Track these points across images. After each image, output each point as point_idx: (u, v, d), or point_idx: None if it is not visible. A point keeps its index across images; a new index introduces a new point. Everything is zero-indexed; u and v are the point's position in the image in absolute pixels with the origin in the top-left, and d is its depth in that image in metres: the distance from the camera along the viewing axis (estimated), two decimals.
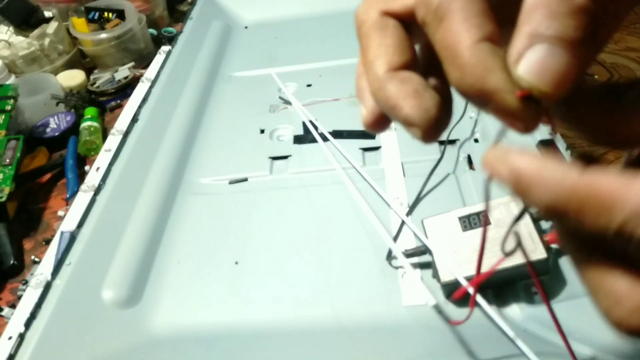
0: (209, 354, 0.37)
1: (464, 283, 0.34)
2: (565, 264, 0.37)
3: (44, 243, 0.51)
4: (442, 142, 0.50)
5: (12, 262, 0.49)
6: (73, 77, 0.73)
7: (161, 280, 0.43)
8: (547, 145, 0.44)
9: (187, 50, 0.67)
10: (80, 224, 0.43)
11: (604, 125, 0.14)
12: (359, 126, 0.54)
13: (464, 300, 0.37)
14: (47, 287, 0.38)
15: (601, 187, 0.12)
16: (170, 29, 0.85)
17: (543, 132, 0.44)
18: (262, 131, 0.57)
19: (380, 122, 0.17)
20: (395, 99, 0.15)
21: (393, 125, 0.60)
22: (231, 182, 0.51)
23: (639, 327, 0.13)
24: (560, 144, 0.43)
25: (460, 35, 0.13)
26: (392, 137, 0.52)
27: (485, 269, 0.34)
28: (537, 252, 0.34)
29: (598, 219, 0.12)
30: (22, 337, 0.35)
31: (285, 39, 0.73)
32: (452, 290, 0.36)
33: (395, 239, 0.41)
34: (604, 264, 0.13)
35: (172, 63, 0.64)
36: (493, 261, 0.34)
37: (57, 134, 0.64)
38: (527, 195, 0.13)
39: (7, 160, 0.54)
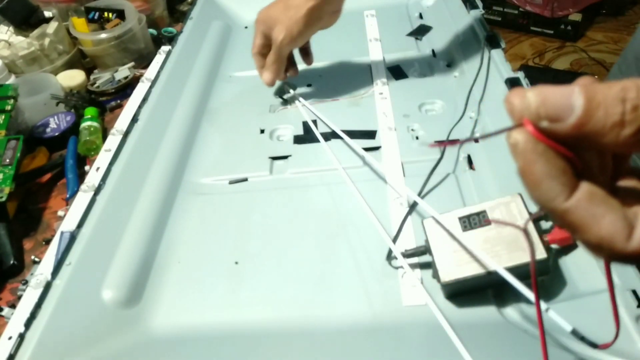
0: (209, 354, 0.37)
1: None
2: (565, 264, 0.37)
3: (44, 243, 0.51)
4: (442, 142, 0.50)
5: (12, 262, 0.49)
6: (73, 77, 0.73)
7: (161, 280, 0.43)
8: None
9: (187, 50, 0.67)
10: (80, 224, 0.43)
11: None
12: (358, 126, 0.54)
13: (463, 301, 0.37)
14: (47, 287, 0.38)
15: None
16: (170, 29, 0.85)
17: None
18: (262, 131, 0.57)
19: None
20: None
21: (393, 124, 0.59)
22: (231, 182, 0.51)
23: None
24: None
25: None
26: (392, 137, 0.52)
27: (488, 268, 0.34)
28: (537, 252, 0.33)
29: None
30: (22, 337, 0.35)
31: None
32: (452, 290, 0.36)
33: (395, 239, 0.41)
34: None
35: (172, 63, 0.64)
36: (495, 261, 0.34)
37: (57, 134, 0.64)
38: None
39: (7, 160, 0.54)
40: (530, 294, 0.31)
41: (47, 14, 0.75)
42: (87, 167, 0.58)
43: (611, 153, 0.18)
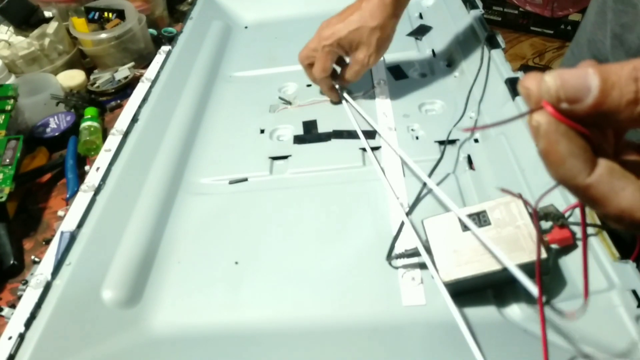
0: (209, 354, 0.37)
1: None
2: (565, 264, 0.37)
3: (44, 243, 0.51)
4: (442, 142, 0.50)
5: (12, 262, 0.49)
6: (73, 77, 0.73)
7: (161, 280, 0.43)
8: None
9: (187, 50, 0.67)
10: (80, 224, 0.43)
11: None
12: (359, 126, 0.54)
13: (463, 301, 0.37)
14: (47, 287, 0.38)
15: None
16: (170, 29, 0.85)
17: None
18: (262, 131, 0.57)
19: None
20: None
21: (393, 124, 0.59)
22: (231, 182, 0.51)
23: None
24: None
25: None
26: (392, 137, 0.52)
27: (487, 267, 0.34)
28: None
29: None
30: (22, 337, 0.35)
31: (285, 39, 0.73)
32: (452, 290, 0.36)
33: (395, 239, 0.41)
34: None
35: (172, 63, 0.64)
36: (495, 261, 0.34)
37: (57, 134, 0.64)
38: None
39: (7, 160, 0.54)
40: (534, 288, 0.31)
41: (47, 14, 0.75)
42: (87, 167, 0.58)
43: (614, 130, 0.19)
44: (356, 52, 0.53)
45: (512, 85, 0.50)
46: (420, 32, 0.69)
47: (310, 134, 0.55)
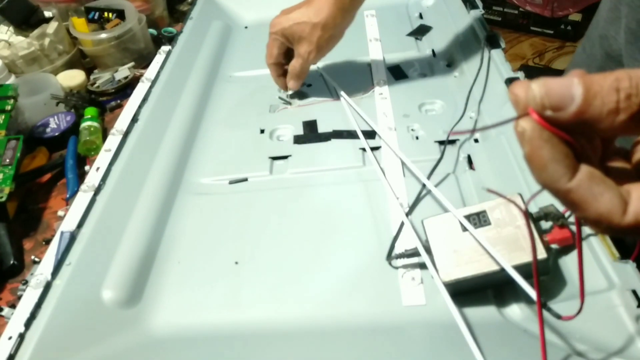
0: (209, 354, 0.37)
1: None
2: (565, 264, 0.37)
3: (44, 243, 0.51)
4: (442, 142, 0.50)
5: (12, 262, 0.49)
6: (73, 77, 0.73)
7: (161, 280, 0.43)
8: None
9: (187, 50, 0.67)
10: (80, 224, 0.43)
11: None
12: (358, 126, 0.54)
13: (463, 301, 0.37)
14: (47, 287, 0.38)
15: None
16: (170, 29, 0.85)
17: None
18: (262, 131, 0.57)
19: None
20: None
21: (393, 124, 0.59)
22: (231, 182, 0.51)
23: None
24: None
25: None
26: (392, 137, 0.52)
27: (487, 267, 0.34)
28: (537, 252, 0.33)
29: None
30: (22, 337, 0.35)
31: None
32: (452, 290, 0.36)
33: (395, 239, 0.41)
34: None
35: (172, 63, 0.64)
36: (495, 261, 0.34)
37: (57, 134, 0.64)
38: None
39: (7, 160, 0.54)
40: (532, 292, 0.31)
41: (47, 14, 0.75)
42: (87, 167, 0.58)
43: (600, 137, 0.20)
44: (298, 45, 0.54)
45: None
46: (420, 32, 0.69)
47: (310, 134, 0.55)
